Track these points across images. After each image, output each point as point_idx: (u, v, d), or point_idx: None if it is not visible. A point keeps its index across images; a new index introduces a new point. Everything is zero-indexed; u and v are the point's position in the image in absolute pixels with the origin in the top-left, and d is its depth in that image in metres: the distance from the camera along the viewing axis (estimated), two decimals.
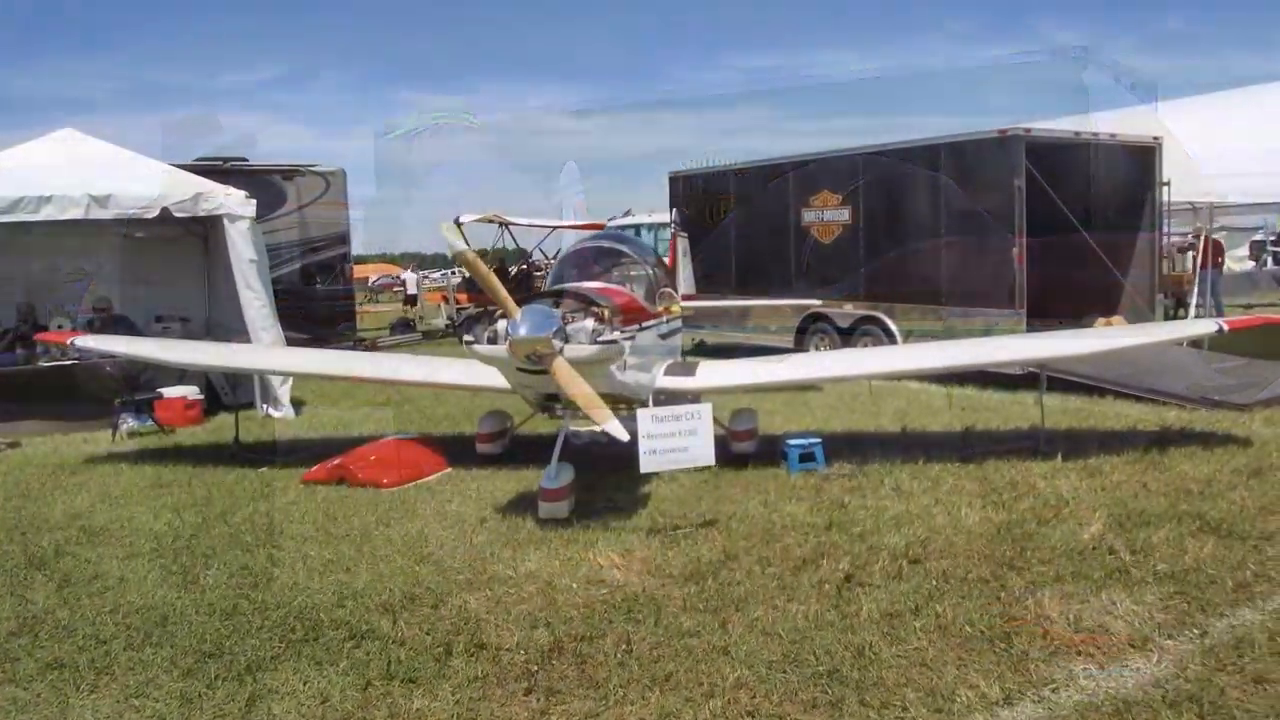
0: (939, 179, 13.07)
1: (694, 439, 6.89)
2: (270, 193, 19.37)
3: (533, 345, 6.66)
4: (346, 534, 7.20)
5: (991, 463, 8.59)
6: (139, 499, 8.43)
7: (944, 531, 6.73)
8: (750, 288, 16.31)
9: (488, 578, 6.16)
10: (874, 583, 5.82)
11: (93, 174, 11.72)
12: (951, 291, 13.11)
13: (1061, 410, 11.17)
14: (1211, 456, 8.50)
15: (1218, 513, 6.87)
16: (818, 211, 14.93)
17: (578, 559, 6.45)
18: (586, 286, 7.97)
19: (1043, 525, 6.76)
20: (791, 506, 7.49)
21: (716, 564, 6.26)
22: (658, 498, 7.87)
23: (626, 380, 7.83)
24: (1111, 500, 7.30)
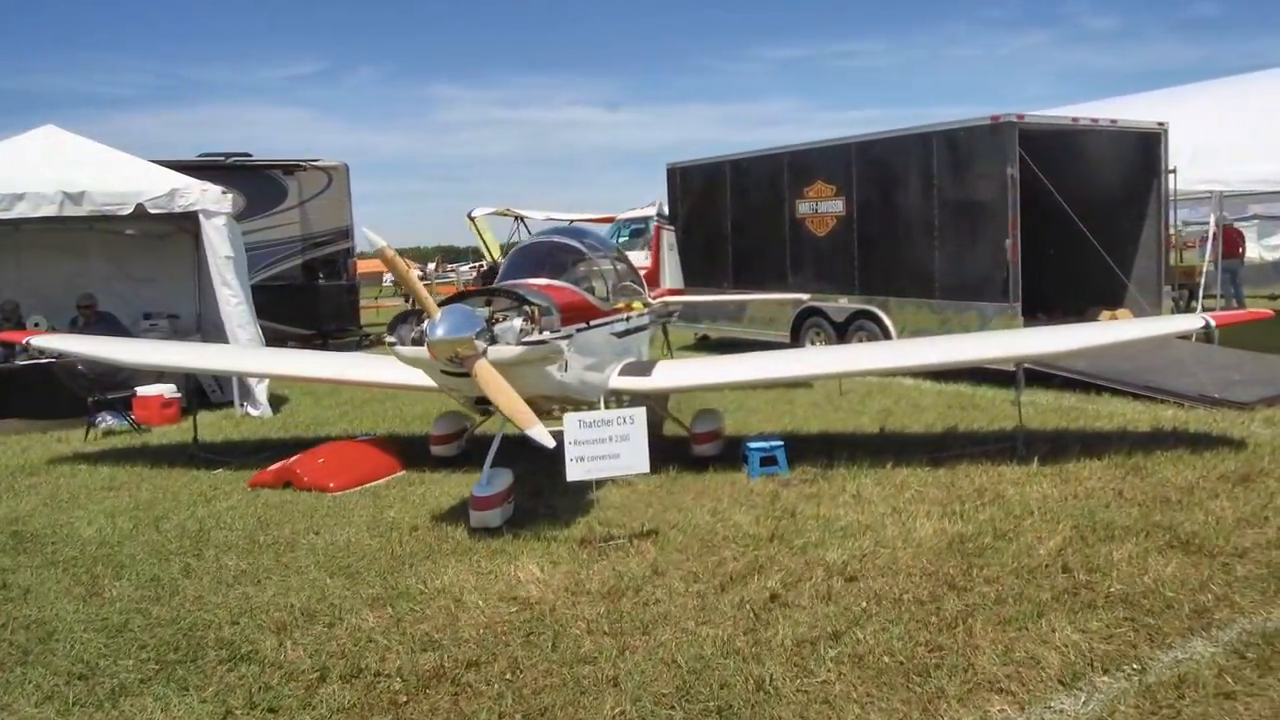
0: (932, 169, 12.44)
1: (626, 445, 6.42)
2: (271, 188, 19.21)
3: (452, 347, 6.24)
4: (272, 543, 6.84)
5: (963, 467, 8.04)
6: (83, 502, 8.15)
7: (892, 545, 6.21)
8: (747, 281, 15.79)
9: (397, 593, 5.76)
10: (799, 603, 5.34)
11: (68, 171, 11.49)
12: (945, 285, 12.50)
13: (1053, 409, 10.56)
14: (1199, 461, 7.88)
15: (1192, 525, 6.29)
16: (812, 203, 14.35)
17: (498, 572, 6.03)
18: (525, 283, 7.53)
19: (999, 539, 6.22)
20: (740, 515, 7.01)
21: (641, 580, 5.80)
22: (604, 505, 7.42)
23: (569, 381, 7.39)
24: (1080, 510, 6.73)
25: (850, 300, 13.85)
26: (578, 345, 7.42)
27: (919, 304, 12.87)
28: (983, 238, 11.94)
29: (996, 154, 11.60)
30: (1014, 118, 11.49)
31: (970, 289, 12.18)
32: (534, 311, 6.74)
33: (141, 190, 11.56)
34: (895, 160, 13.06)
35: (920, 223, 12.69)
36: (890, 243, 13.24)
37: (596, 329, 7.86)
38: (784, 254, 14.94)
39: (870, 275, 13.59)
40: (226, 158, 19.33)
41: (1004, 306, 11.74)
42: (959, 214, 12.24)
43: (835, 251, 14.08)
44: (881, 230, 13.36)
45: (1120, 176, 13.06)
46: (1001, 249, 11.67)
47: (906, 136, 12.84)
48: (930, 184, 12.50)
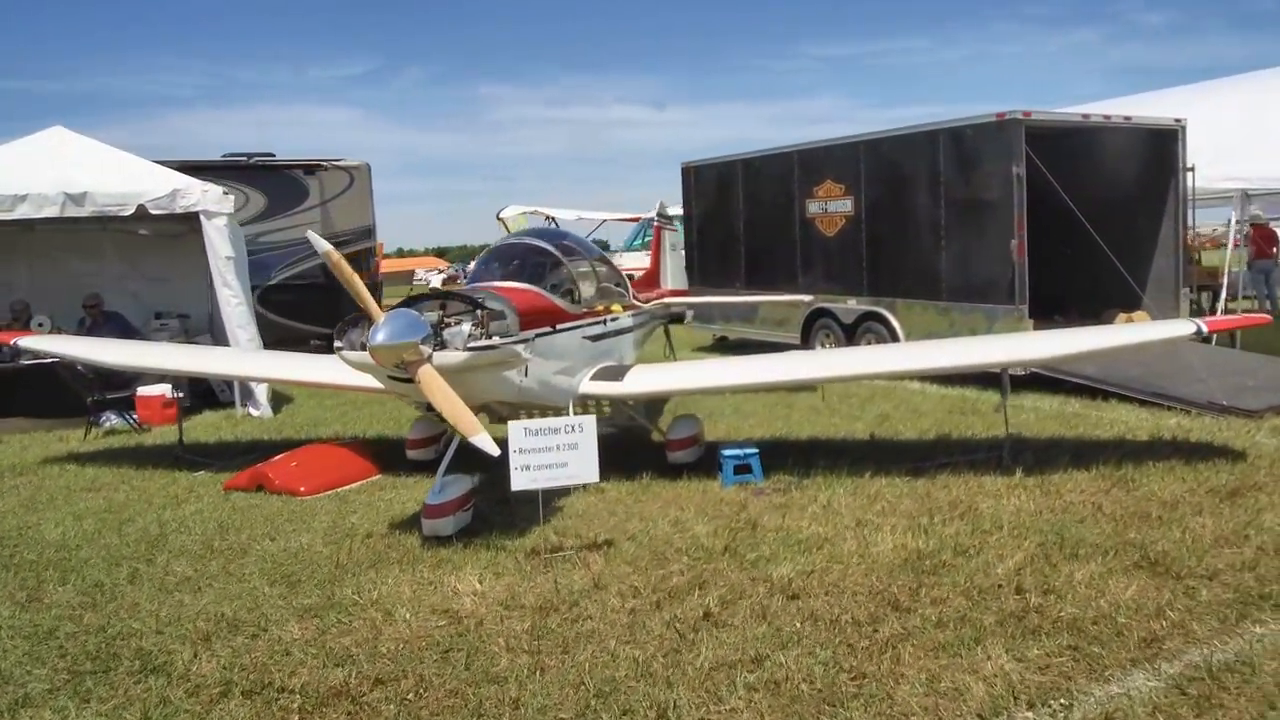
0: (939, 167, 12.05)
1: (575, 454, 6.22)
2: (293, 188, 19.26)
3: (395, 352, 6.09)
4: (226, 548, 6.75)
5: (944, 477, 7.72)
6: (59, 504, 8.15)
7: (846, 560, 5.94)
8: (758, 282, 15.50)
9: (331, 603, 5.63)
10: (732, 623, 5.10)
11: (72, 172, 11.56)
12: (952, 287, 12.11)
13: (1055, 415, 10.16)
14: (1191, 473, 7.48)
15: (1165, 544, 5.93)
16: (822, 203, 14.01)
17: (437, 584, 5.87)
18: (486, 286, 7.37)
19: (959, 555, 5.92)
20: (700, 526, 6.77)
21: (579, 594, 5.60)
22: (569, 513, 7.24)
23: (531, 386, 7.20)
24: (1051, 525, 6.39)
25: (859, 302, 13.51)
26: (540, 349, 7.23)
27: (926, 306, 12.49)
28: (988, 238, 11.54)
29: (1002, 152, 11.19)
30: (1020, 114, 11.06)
31: (976, 291, 11.78)
32: (483, 316, 6.57)
33: (143, 191, 11.60)
34: (903, 159, 12.69)
35: (927, 223, 12.32)
36: (898, 243, 12.88)
37: (565, 333, 7.66)
38: (794, 254, 14.62)
39: (878, 276, 13.23)
40: (249, 158, 19.44)
41: (1010, 309, 11.33)
42: (965, 214, 11.85)
43: (844, 252, 13.73)
44: (889, 230, 13.00)
45: (1136, 175, 12.57)
46: (1007, 250, 11.26)
47: (913, 134, 12.46)
48: (937, 183, 12.12)
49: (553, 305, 7.61)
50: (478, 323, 6.52)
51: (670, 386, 8.22)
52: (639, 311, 9.64)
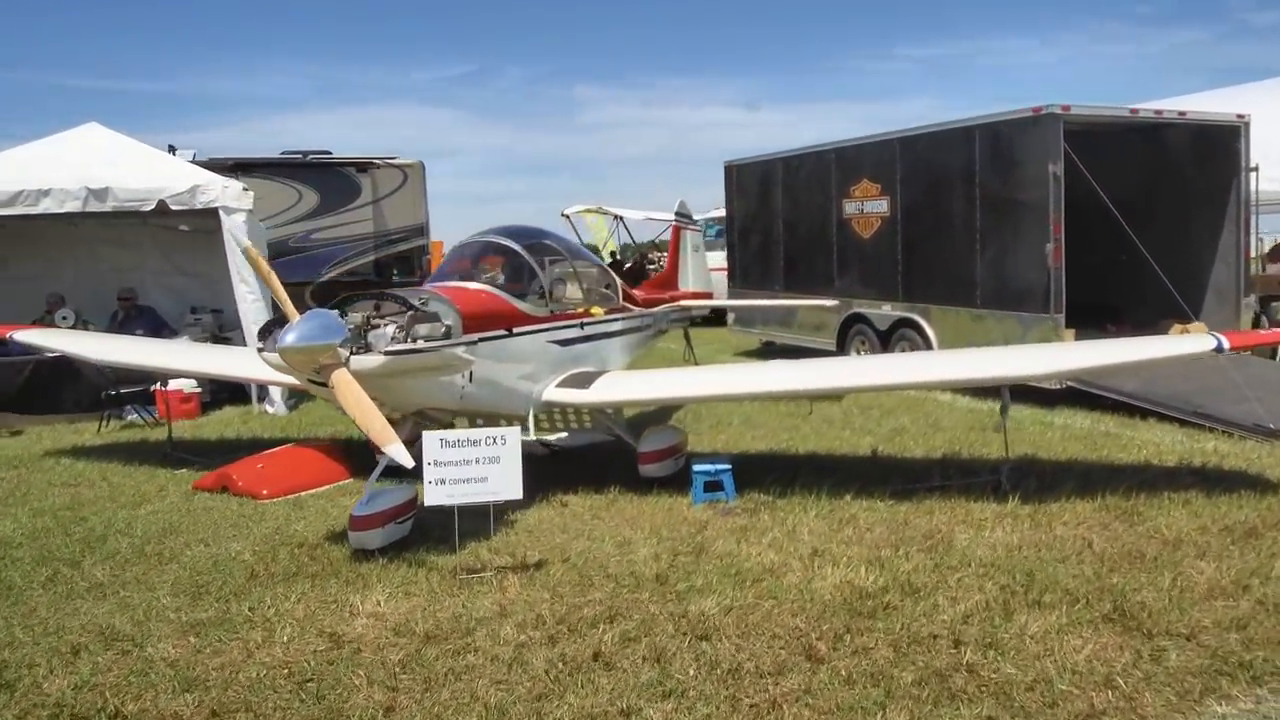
0: (974, 166, 11.15)
1: (496, 468, 5.73)
2: (345, 185, 19.28)
3: (306, 354, 5.70)
4: (157, 553, 6.47)
5: (931, 503, 6.96)
6: (30, 499, 8.01)
7: (782, 596, 5.30)
8: (795, 285, 14.76)
9: (221, 619, 5.26)
10: (620, 665, 4.53)
11: (96, 168, 11.58)
12: (986, 292, 11.19)
13: (1082, 435, 9.22)
14: (1209, 506, 6.57)
15: (1149, 592, 5.12)
16: (858, 203, 13.19)
17: (340, 602, 5.45)
18: (436, 286, 6.94)
19: (907, 596, 5.22)
20: (645, 549, 6.20)
21: (479, 622, 5.11)
22: (519, 527, 6.74)
23: (477, 393, 6.73)
24: (1026, 564, 5.61)
25: (893, 307, 12.67)
26: (489, 353, 6.76)
27: (960, 313, 11.60)
28: (1024, 242, 10.60)
29: (1038, 149, 10.26)
30: (1058, 109, 10.11)
31: (1011, 297, 10.86)
32: (409, 318, 6.12)
33: (163, 187, 11.56)
34: (938, 157, 11.81)
35: (963, 225, 11.42)
36: (933, 246, 12.01)
37: (523, 336, 7.17)
38: (831, 257, 13.84)
39: (913, 281, 12.37)
40: (305, 155, 19.54)
41: (1044, 318, 10.39)
42: (1001, 215, 10.93)
43: (880, 255, 12.90)
44: (925, 232, 12.13)
45: (1193, 175, 11.42)
46: (1042, 254, 10.32)
47: (949, 131, 11.58)
48: (972, 183, 11.22)
49: (508, 307, 7.12)
50: (402, 325, 6.08)
51: (642, 395, 7.65)
52: (632, 315, 9.08)
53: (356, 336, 5.98)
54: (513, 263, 7.53)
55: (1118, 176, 10.74)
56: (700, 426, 10.19)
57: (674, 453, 7.81)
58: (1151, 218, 10.87)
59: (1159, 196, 11.32)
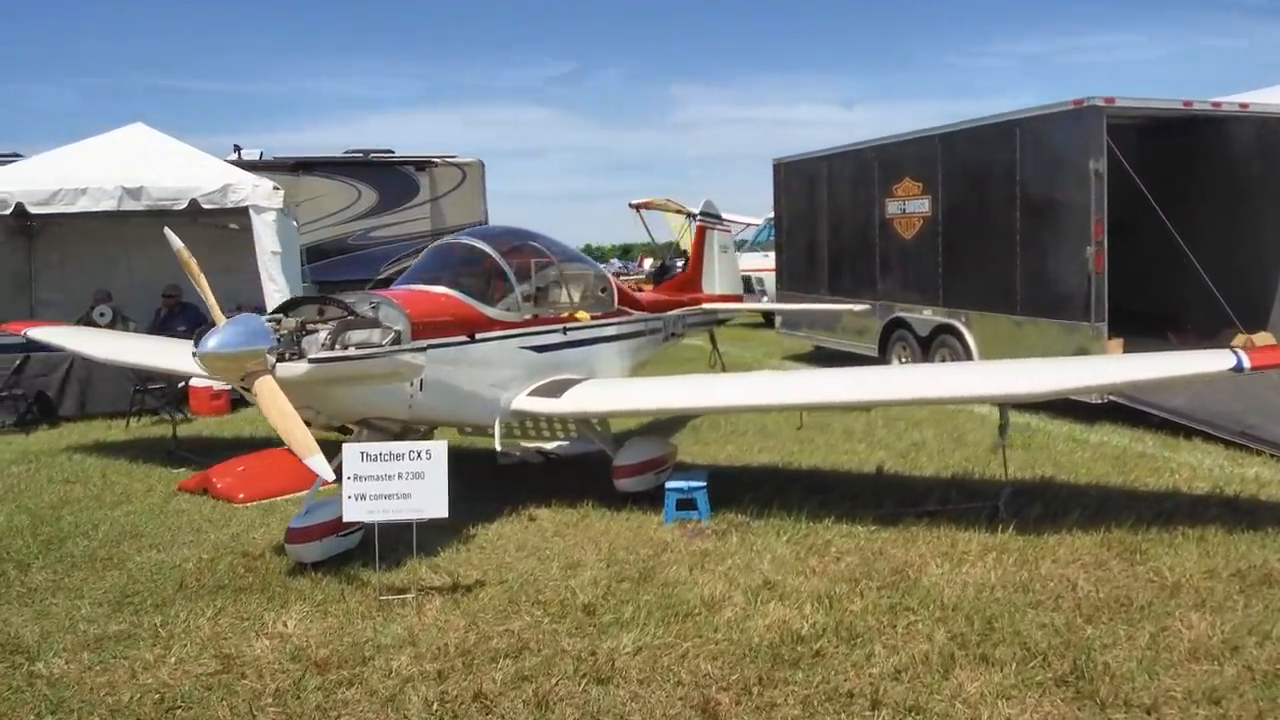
0: (1015, 164, 10.31)
1: (420, 485, 5.35)
2: (404, 184, 19.29)
3: (229, 361, 5.43)
4: (106, 557, 6.31)
5: (917, 530, 6.32)
6: (22, 497, 7.94)
7: (709, 635, 4.79)
8: (839, 287, 14.04)
9: (128, 634, 5.04)
10: (497, 709, 4.11)
11: (134, 168, 11.69)
12: (1027, 298, 10.34)
13: (1116, 455, 8.38)
14: (1227, 545, 5.78)
15: (1119, 651, 4.43)
16: (900, 203, 12.42)
17: (254, 619, 5.17)
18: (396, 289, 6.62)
19: (844, 642, 4.65)
20: (589, 573, 5.75)
21: (382, 649, 4.76)
22: (475, 542, 6.40)
23: (430, 402, 6.37)
24: (992, 609, 4.96)
25: (934, 312, 11.87)
26: (446, 359, 6.40)
27: (1000, 319, 10.77)
28: (1064, 244, 9.74)
29: (1079, 145, 9.38)
30: (1100, 101, 9.21)
31: (1051, 304, 9.99)
32: (340, 324, 5.80)
33: (196, 186, 11.61)
34: (978, 154, 10.99)
35: (1003, 226, 10.59)
36: (974, 248, 11.19)
37: (489, 342, 6.79)
38: (873, 258, 13.10)
39: (953, 285, 11.57)
40: (366, 154, 19.63)
41: (1085, 326, 9.51)
42: (1041, 216, 10.08)
43: (921, 257, 12.12)
44: (966, 234, 11.32)
45: (1260, 173, 10.31)
46: (1082, 258, 9.44)
47: (989, 126, 10.75)
48: (1013, 181, 10.38)
49: (470, 311, 6.73)
50: (333, 332, 5.75)
51: (616, 405, 7.15)
52: (630, 319, 8.61)
53: (290, 342, 5.69)
54: (483, 265, 7.14)
55: (1175, 174, 9.77)
56: (713, 435, 9.67)
57: (654, 466, 7.30)
58: (1213, 219, 9.85)
59: (1221, 196, 10.27)
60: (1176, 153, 10.40)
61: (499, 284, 7.08)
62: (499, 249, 7.26)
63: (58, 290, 13.82)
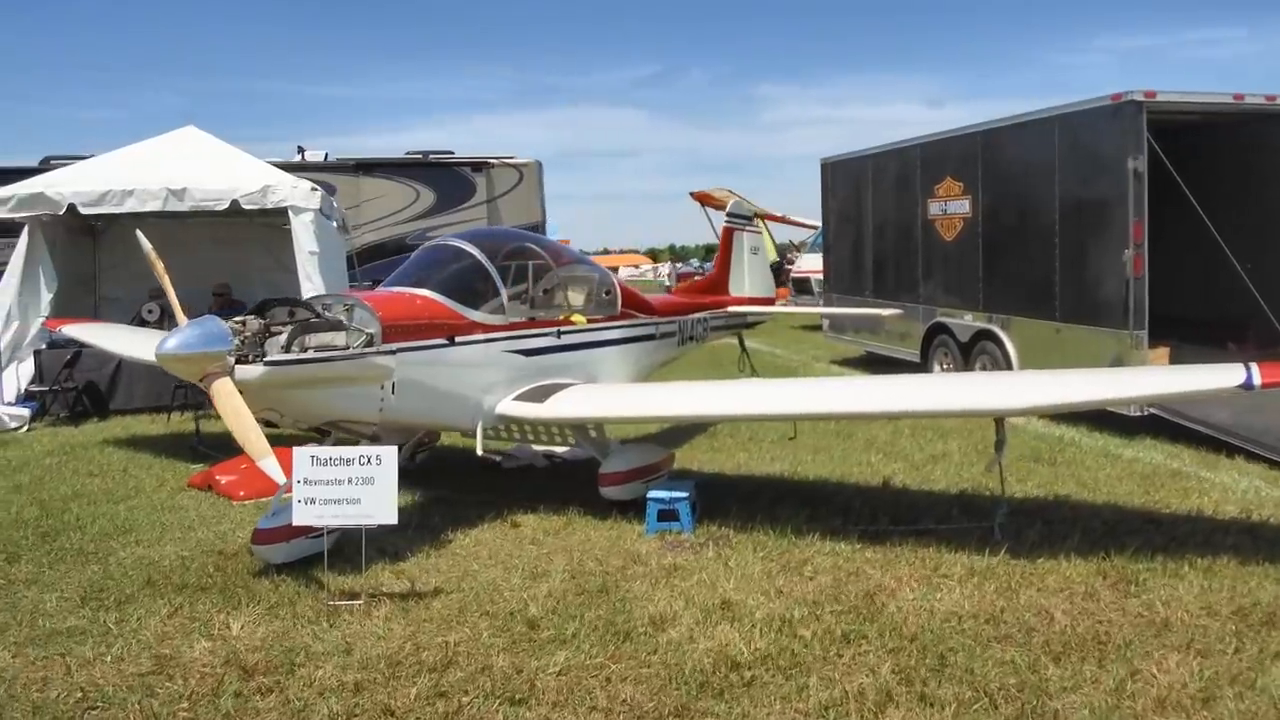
0: (1053, 163, 9.71)
1: (370, 490, 5.22)
2: (460, 184, 19.39)
3: (186, 362, 5.40)
4: (93, 551, 6.38)
5: (903, 549, 5.92)
6: (42, 487, 8.13)
7: (644, 659, 4.54)
8: (882, 290, 13.54)
9: (84, 629, 5.04)
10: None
11: (181, 169, 11.91)
12: (1066, 303, 9.74)
13: (1148, 472, 7.80)
14: (1234, 578, 5.25)
15: (1078, 697, 4.02)
16: (942, 203, 11.87)
17: (205, 621, 5.12)
18: (365, 293, 6.51)
19: (779, 673, 4.34)
20: (550, 584, 5.55)
21: (311, 657, 4.64)
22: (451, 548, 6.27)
23: (405, 405, 6.25)
24: (952, 641, 4.57)
25: (974, 317, 11.31)
26: (421, 362, 6.27)
27: (1040, 325, 10.17)
28: (1102, 247, 9.12)
29: (1117, 142, 8.77)
30: (1140, 95, 8.57)
31: (1090, 310, 9.38)
32: (297, 328, 5.70)
33: (236, 187, 11.76)
34: (1018, 153, 10.42)
35: (1042, 228, 10.00)
36: (1014, 251, 10.62)
37: (471, 346, 6.63)
38: (915, 261, 12.57)
39: (993, 288, 10.99)
40: (426, 155, 19.80)
41: (1124, 334, 8.88)
42: (1080, 217, 9.47)
43: (962, 259, 11.56)
44: (1006, 236, 10.75)
45: None
46: (1120, 262, 8.82)
47: (1028, 124, 10.17)
48: (1052, 181, 9.78)
49: (450, 314, 6.57)
50: (298, 334, 5.66)
51: (601, 412, 6.91)
52: (637, 322, 8.36)
53: (254, 344, 5.62)
54: (468, 268, 6.97)
55: (1222, 173, 9.05)
56: (730, 441, 9.34)
57: (643, 474, 7.03)
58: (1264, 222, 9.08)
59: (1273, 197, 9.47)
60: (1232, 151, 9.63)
61: (484, 287, 6.91)
62: (487, 251, 7.09)
63: (120, 288, 14.22)
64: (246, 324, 5.70)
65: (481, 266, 6.97)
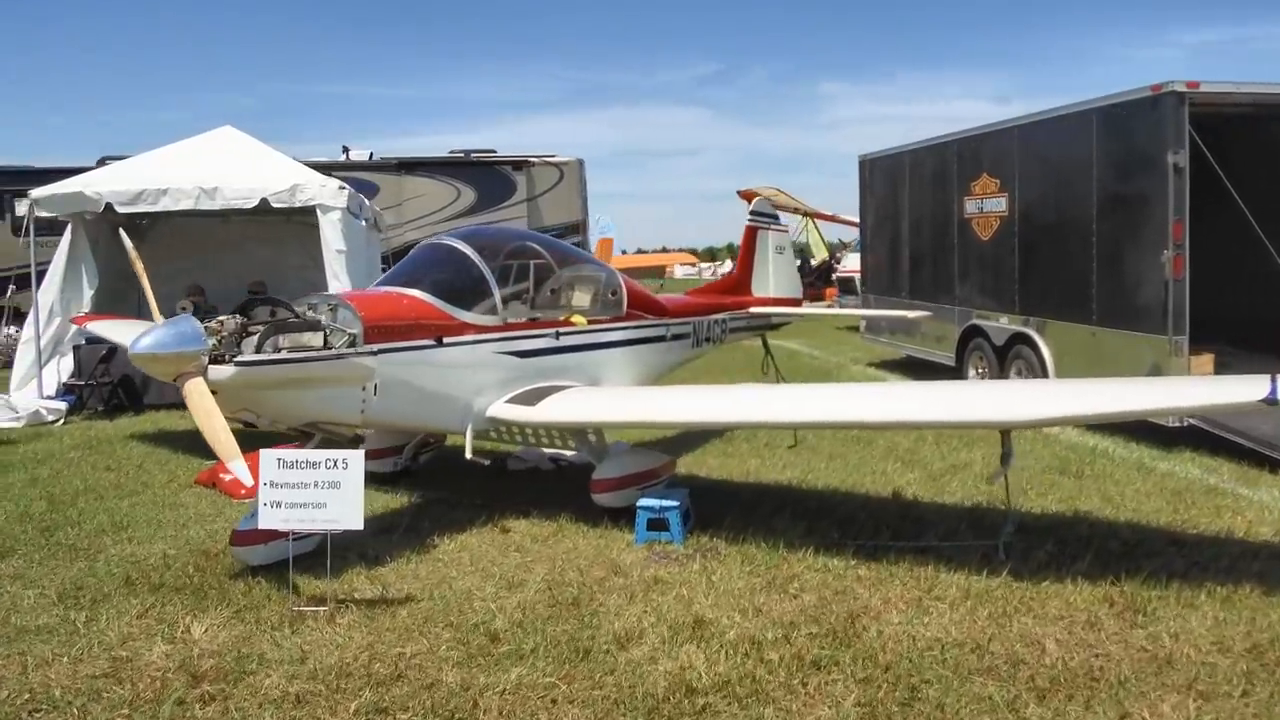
0: (1091, 158, 9.18)
1: (336, 495, 5.05)
2: (501, 183, 19.34)
3: (160, 362, 5.30)
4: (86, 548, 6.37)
5: (899, 568, 5.57)
6: (55, 482, 8.17)
7: (599, 680, 4.29)
8: (919, 291, 13.06)
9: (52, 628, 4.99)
10: None
11: (213, 168, 11.99)
12: (1103, 306, 9.21)
13: (1180, 488, 7.30)
14: (1257, 610, 4.80)
15: None
16: (978, 201, 11.37)
17: (171, 623, 5.03)
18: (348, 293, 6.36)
19: (735, 702, 4.05)
20: (529, 594, 5.34)
21: (263, 664, 4.49)
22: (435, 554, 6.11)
23: (389, 407, 6.09)
24: (925, 673, 4.23)
25: (1010, 320, 10.80)
26: (406, 363, 6.10)
27: (1077, 330, 9.64)
28: (1140, 247, 8.58)
29: (1156, 136, 8.23)
30: (1181, 86, 8.03)
31: (1127, 314, 8.85)
32: (269, 328, 5.56)
33: (265, 186, 11.78)
34: (1055, 147, 9.90)
35: (1079, 226, 9.48)
36: (1050, 250, 10.10)
37: (460, 347, 6.44)
38: (951, 261, 12.07)
39: (1029, 290, 10.48)
40: (468, 154, 19.79)
41: (1161, 340, 8.35)
42: (1118, 215, 8.94)
43: (999, 260, 11.06)
44: (1042, 235, 10.24)
45: None
46: (1158, 263, 8.29)
47: (1064, 117, 9.64)
48: (1089, 177, 9.25)
49: (439, 314, 6.38)
50: (269, 334, 5.53)
51: (591, 416, 6.64)
52: (644, 324, 8.10)
53: (230, 344, 5.51)
54: (460, 268, 6.77)
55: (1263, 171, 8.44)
56: (746, 448, 9.02)
57: (638, 481, 6.75)
58: None
59: None
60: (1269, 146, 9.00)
61: (476, 287, 6.71)
62: (483, 251, 6.90)
63: (163, 284, 14.38)
64: (224, 324, 5.59)
65: (474, 266, 6.77)
